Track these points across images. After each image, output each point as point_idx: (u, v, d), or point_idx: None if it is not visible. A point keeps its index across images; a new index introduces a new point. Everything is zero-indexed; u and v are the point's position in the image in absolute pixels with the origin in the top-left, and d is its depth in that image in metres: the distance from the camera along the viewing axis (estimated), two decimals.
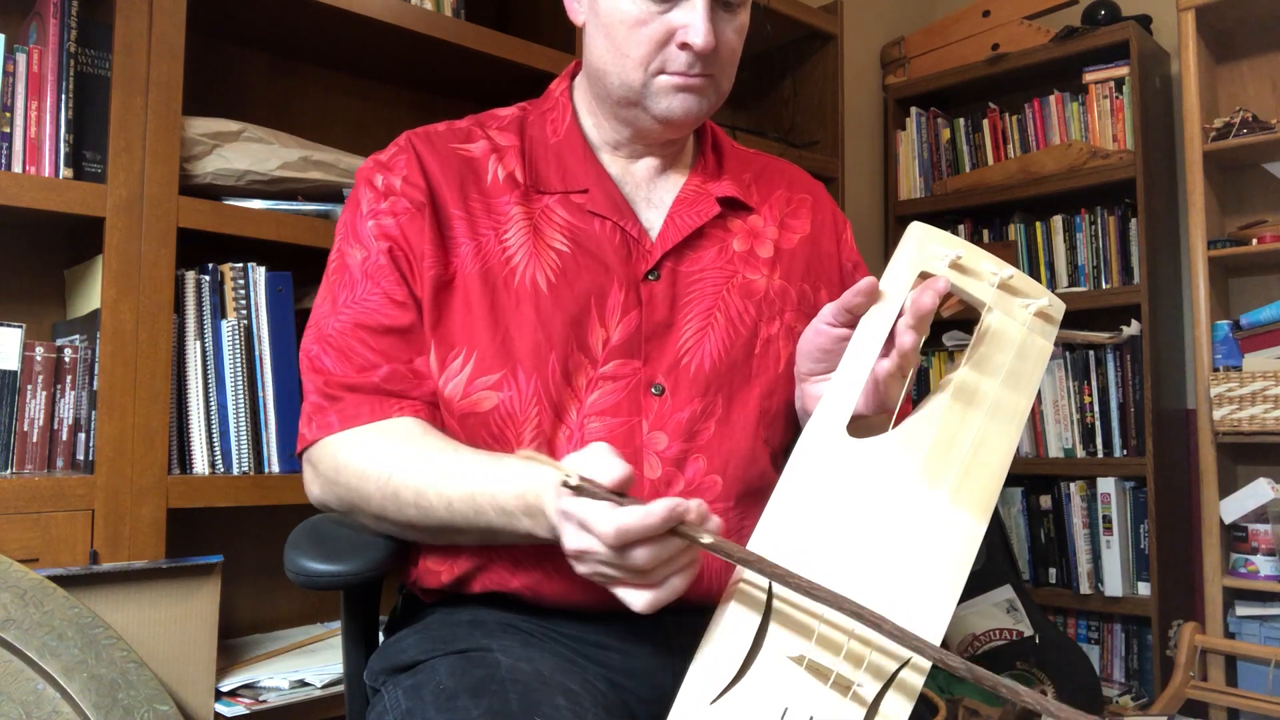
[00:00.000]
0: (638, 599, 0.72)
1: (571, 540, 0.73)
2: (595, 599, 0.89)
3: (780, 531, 0.76)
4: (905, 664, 0.73)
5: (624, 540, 0.69)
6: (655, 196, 1.01)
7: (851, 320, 0.85)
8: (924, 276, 0.85)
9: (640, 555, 0.70)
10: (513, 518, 0.81)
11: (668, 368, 0.93)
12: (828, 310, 0.88)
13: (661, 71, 0.93)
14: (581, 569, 0.74)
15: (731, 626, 0.74)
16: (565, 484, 0.71)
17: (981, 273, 0.87)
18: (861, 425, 0.82)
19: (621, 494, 0.71)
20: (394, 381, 0.91)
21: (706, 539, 0.71)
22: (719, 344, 0.95)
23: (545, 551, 0.88)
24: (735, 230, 1.02)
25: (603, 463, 0.73)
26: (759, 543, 0.76)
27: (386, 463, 0.87)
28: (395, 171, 0.96)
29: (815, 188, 1.12)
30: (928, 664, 0.74)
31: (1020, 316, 0.87)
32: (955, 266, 0.86)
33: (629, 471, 0.72)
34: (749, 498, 0.92)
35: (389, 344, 0.92)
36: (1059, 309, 0.89)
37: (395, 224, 0.93)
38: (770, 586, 0.75)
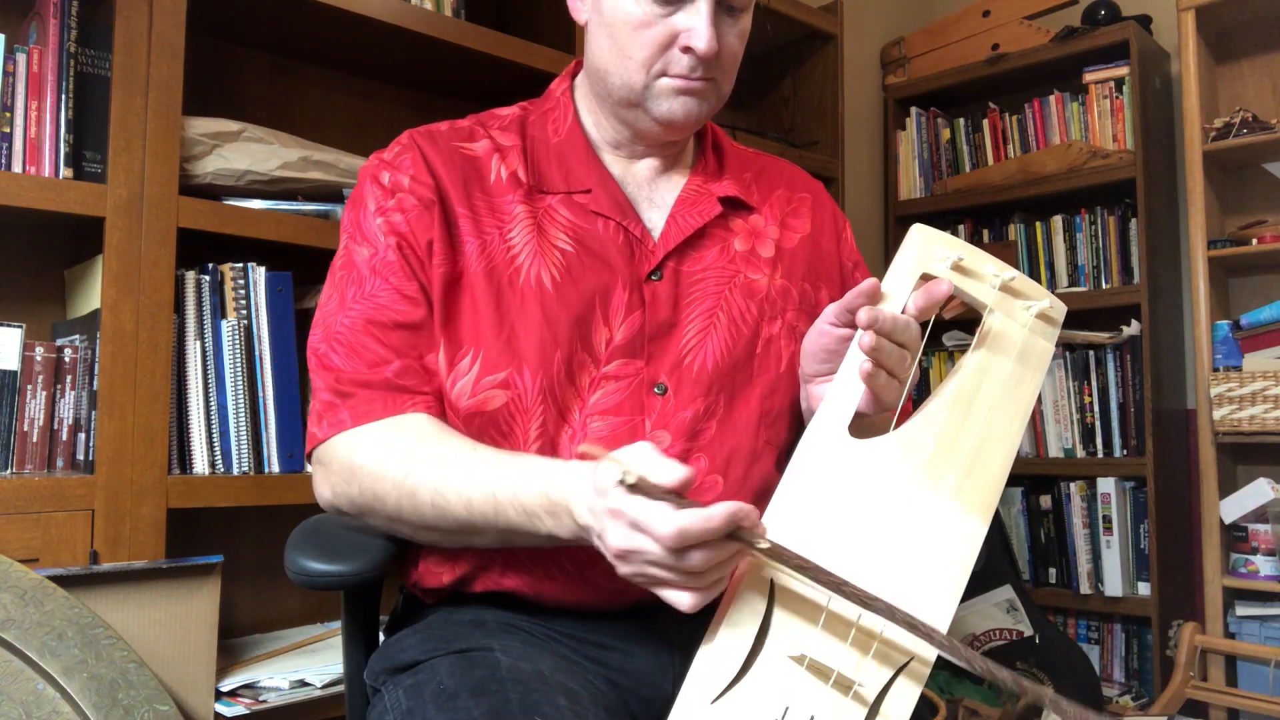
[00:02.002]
0: (684, 600, 0.72)
1: (620, 539, 0.71)
2: (596, 598, 0.89)
3: (781, 533, 0.76)
4: (907, 663, 0.73)
5: (684, 543, 0.68)
6: (657, 196, 1.01)
7: (854, 321, 0.85)
8: (926, 278, 0.85)
9: (697, 558, 0.69)
10: (534, 517, 0.80)
11: (670, 367, 0.93)
12: (830, 311, 0.88)
13: (663, 74, 0.93)
14: (625, 569, 0.73)
15: (732, 625, 0.74)
16: (623, 482, 0.69)
17: (983, 274, 0.87)
18: (864, 425, 0.82)
19: (680, 495, 0.70)
20: (406, 376, 0.90)
21: (763, 544, 0.70)
22: (721, 343, 0.95)
23: (547, 551, 0.88)
24: (737, 230, 1.02)
25: (659, 462, 0.71)
26: None
27: (403, 461, 0.86)
28: (402, 169, 0.95)
29: (815, 187, 1.12)
30: (929, 664, 0.74)
31: (1021, 318, 0.87)
32: (957, 268, 0.86)
33: (690, 473, 0.71)
34: (751, 497, 0.92)
35: (399, 339, 0.91)
36: (1060, 311, 0.89)
37: (404, 220, 0.93)
38: (772, 586, 0.75)
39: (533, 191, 0.97)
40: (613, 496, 0.71)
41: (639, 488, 0.69)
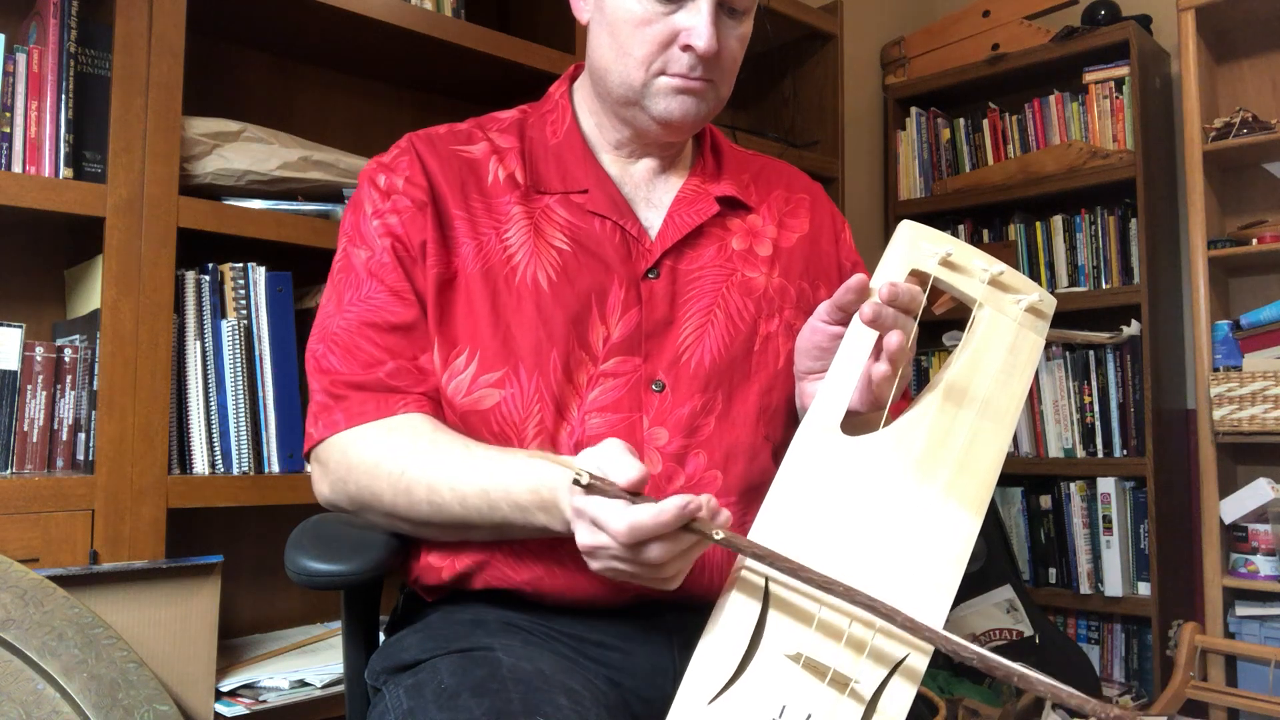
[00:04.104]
0: (656, 586, 0.75)
1: (584, 537, 0.74)
2: (598, 591, 0.89)
3: (776, 531, 0.76)
4: (903, 660, 0.73)
5: (636, 538, 0.70)
6: (654, 196, 1.01)
7: (845, 318, 0.86)
8: (915, 274, 0.86)
9: (654, 552, 0.71)
10: (527, 512, 0.82)
11: (668, 364, 0.94)
12: (822, 308, 0.89)
13: (662, 72, 0.94)
14: (595, 565, 0.75)
15: (728, 625, 0.74)
16: (576, 482, 0.72)
17: (972, 269, 0.87)
18: (859, 423, 0.82)
19: (635, 493, 0.72)
20: (399, 377, 0.92)
21: (719, 535, 0.72)
22: (719, 340, 0.96)
23: (548, 546, 0.89)
24: (734, 229, 1.02)
25: (617, 461, 0.74)
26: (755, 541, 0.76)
27: (399, 460, 0.88)
28: (398, 172, 0.97)
29: (814, 188, 1.13)
30: (925, 660, 0.74)
31: (1012, 312, 0.87)
32: (945, 264, 0.86)
33: (644, 471, 0.73)
34: (749, 493, 0.93)
35: (394, 341, 0.93)
36: (1050, 304, 0.89)
37: (399, 221, 0.94)
38: (767, 585, 0.75)
39: (530, 192, 0.98)
40: (576, 497, 0.74)
41: (594, 488, 0.72)
